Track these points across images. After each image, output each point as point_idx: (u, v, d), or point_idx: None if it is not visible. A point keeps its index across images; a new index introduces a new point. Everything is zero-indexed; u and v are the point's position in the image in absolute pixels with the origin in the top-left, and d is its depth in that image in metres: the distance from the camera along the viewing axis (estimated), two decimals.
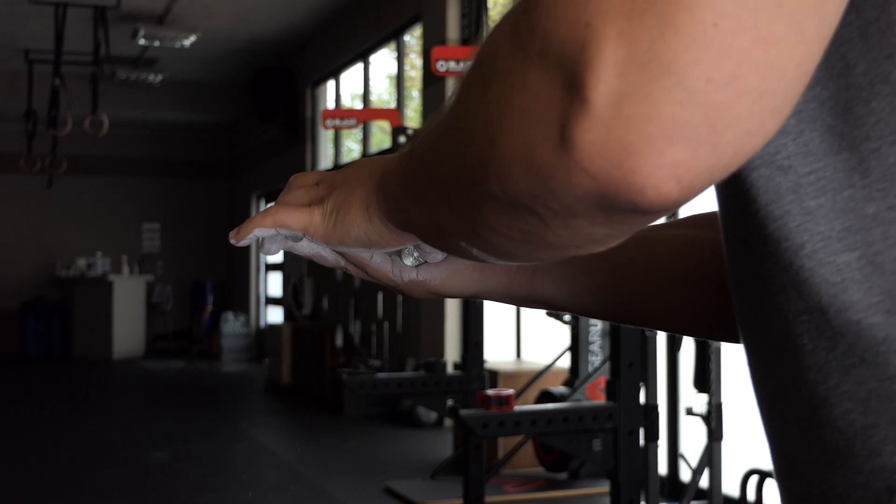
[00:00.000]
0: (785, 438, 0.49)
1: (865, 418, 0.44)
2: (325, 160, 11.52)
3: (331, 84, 11.38)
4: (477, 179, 0.46)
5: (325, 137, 11.54)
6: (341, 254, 0.69)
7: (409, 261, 0.69)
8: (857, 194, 0.44)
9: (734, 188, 0.48)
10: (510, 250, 0.49)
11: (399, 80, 9.38)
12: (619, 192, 0.40)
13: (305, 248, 0.69)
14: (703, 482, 4.25)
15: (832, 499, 0.46)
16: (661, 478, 5.11)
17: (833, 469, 0.45)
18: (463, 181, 0.48)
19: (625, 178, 0.39)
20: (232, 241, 0.68)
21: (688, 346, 4.52)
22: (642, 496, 3.73)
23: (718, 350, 3.98)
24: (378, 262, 0.69)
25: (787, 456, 0.49)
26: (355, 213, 0.63)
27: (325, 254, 0.69)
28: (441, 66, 3.68)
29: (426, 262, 0.69)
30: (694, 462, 4.33)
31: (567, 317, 5.30)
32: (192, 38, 10.37)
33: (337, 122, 8.33)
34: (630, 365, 3.39)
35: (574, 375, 5.46)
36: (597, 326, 5.40)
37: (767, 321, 0.48)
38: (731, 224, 0.51)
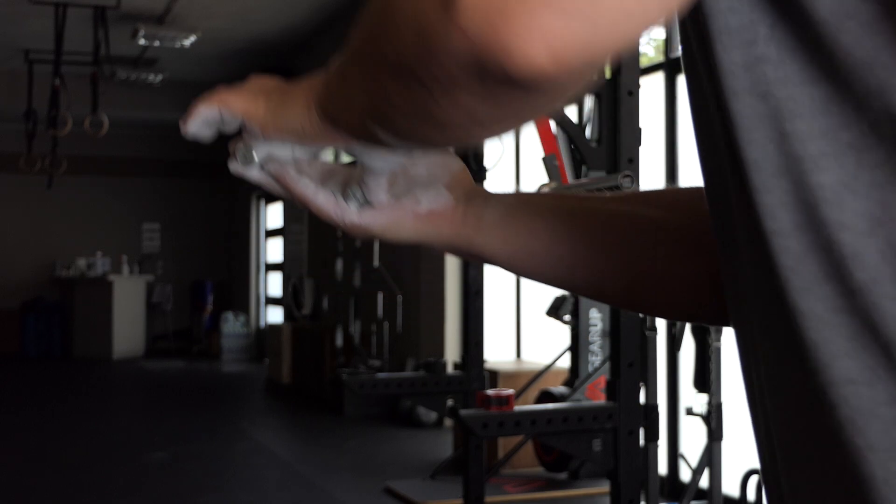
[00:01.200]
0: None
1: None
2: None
3: None
4: (376, 44, 0.48)
5: None
6: (290, 188, 0.70)
7: (353, 204, 0.69)
8: (833, 121, 0.44)
9: (718, 119, 0.49)
10: (406, 129, 0.50)
11: None
12: (491, 54, 0.40)
13: (255, 173, 0.69)
14: (703, 482, 4.25)
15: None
16: (661, 478, 5.11)
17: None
18: (367, 48, 0.50)
19: (497, 40, 0.40)
20: (182, 130, 0.70)
21: (688, 346, 4.52)
22: (642, 496, 3.73)
23: (718, 350, 3.98)
24: (322, 200, 0.70)
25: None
26: (297, 102, 0.63)
27: (272, 184, 0.70)
28: None
29: (370, 204, 0.69)
30: (694, 462, 4.33)
31: (567, 316, 5.30)
32: (192, 38, 10.37)
33: None
34: (630, 365, 3.39)
35: (574, 375, 5.46)
36: (597, 326, 5.40)
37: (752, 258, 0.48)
38: (717, 180, 0.52)
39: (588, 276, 0.71)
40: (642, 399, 3.72)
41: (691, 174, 5.49)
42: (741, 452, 4.53)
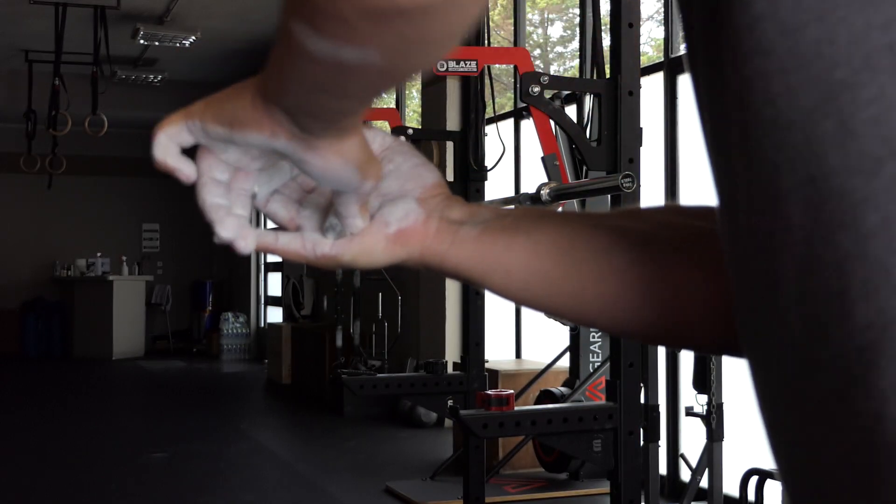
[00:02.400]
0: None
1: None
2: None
3: None
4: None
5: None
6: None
7: (330, 235, 0.67)
8: (825, 63, 0.42)
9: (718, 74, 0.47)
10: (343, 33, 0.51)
11: None
12: None
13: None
14: (703, 482, 4.25)
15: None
16: (661, 478, 5.11)
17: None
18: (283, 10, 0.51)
19: None
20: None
21: None
22: (642, 496, 3.73)
23: None
24: (285, 241, 0.68)
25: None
26: (242, 93, 0.63)
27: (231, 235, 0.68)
28: (441, 66, 3.67)
29: (348, 234, 0.66)
30: (694, 462, 4.33)
31: None
32: (192, 38, 10.37)
33: None
34: (630, 365, 3.39)
35: (574, 376, 5.46)
36: None
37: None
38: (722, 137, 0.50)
39: (571, 298, 0.68)
40: (642, 399, 3.72)
41: (691, 174, 5.49)
42: (741, 452, 4.53)
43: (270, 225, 0.75)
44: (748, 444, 4.61)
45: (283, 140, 0.61)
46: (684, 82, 5.55)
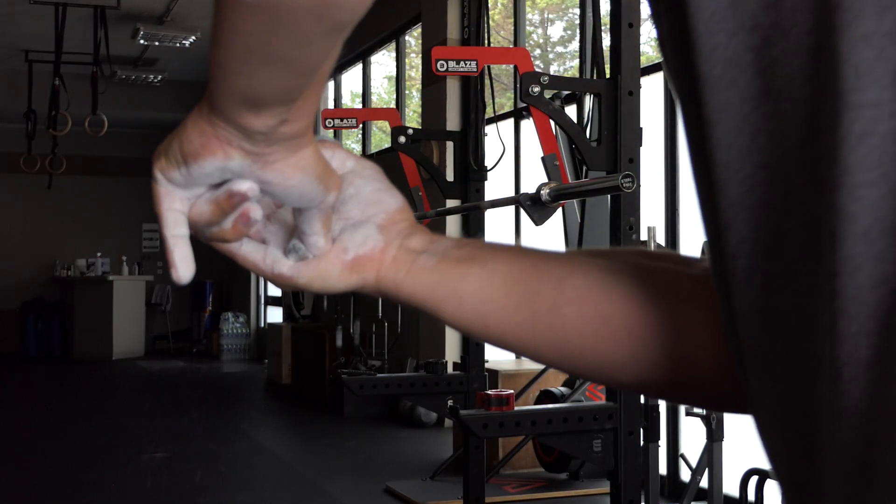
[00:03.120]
0: None
1: None
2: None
3: (331, 84, 11.38)
4: None
5: (325, 137, 11.54)
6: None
7: (292, 257, 0.65)
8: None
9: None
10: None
11: (399, 80, 9.38)
12: None
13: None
14: (704, 482, 4.25)
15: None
16: (661, 478, 5.11)
17: None
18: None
19: None
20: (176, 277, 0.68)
21: None
22: (642, 496, 3.73)
23: None
24: (248, 250, 0.67)
25: None
26: (178, 129, 0.63)
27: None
28: (441, 66, 3.67)
29: (309, 257, 0.65)
30: (694, 462, 4.34)
31: None
32: (192, 38, 10.37)
33: (336, 121, 8.31)
34: None
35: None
36: None
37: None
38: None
39: (522, 329, 0.65)
40: (642, 399, 3.72)
41: (691, 174, 5.48)
42: (741, 452, 4.53)
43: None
44: (748, 444, 4.61)
45: (237, 159, 0.60)
46: None
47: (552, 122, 3.32)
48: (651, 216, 5.01)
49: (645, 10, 3.66)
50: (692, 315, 0.62)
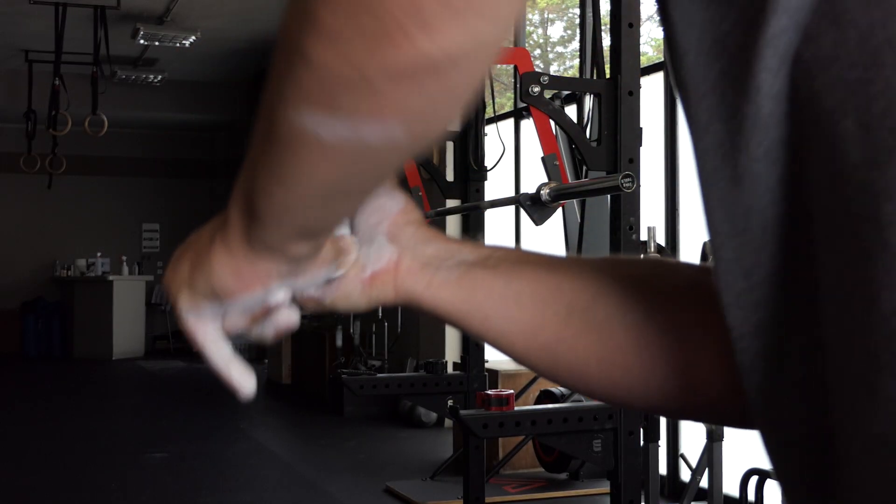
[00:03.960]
0: None
1: None
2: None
3: None
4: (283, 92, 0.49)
5: None
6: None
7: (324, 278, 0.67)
8: (841, 64, 0.44)
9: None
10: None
11: None
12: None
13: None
14: (704, 482, 4.25)
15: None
16: (661, 478, 5.11)
17: None
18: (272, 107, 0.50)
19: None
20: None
21: None
22: (642, 496, 3.73)
23: None
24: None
25: None
26: (193, 260, 0.64)
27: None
28: None
29: (338, 277, 0.67)
30: (694, 462, 4.34)
31: None
32: (192, 38, 10.37)
33: None
34: None
35: None
36: None
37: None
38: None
39: (545, 351, 0.66)
40: None
41: (691, 174, 5.48)
42: (741, 452, 4.53)
43: None
44: (748, 444, 4.61)
45: (275, 284, 0.61)
46: None
47: (552, 122, 3.32)
48: (651, 216, 5.01)
49: (645, 10, 3.66)
50: (702, 343, 0.62)
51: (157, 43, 10.47)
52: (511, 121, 7.38)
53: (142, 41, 10.33)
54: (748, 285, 0.48)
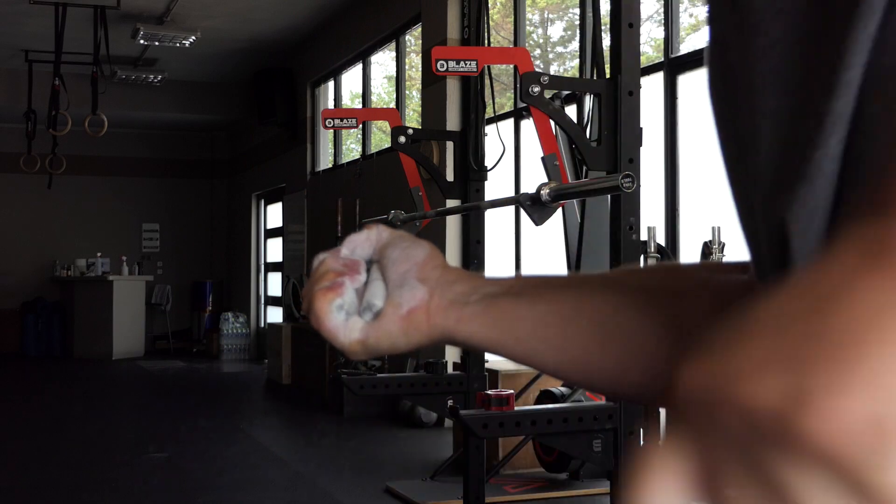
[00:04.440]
0: None
1: None
2: (325, 160, 11.52)
3: (331, 84, 11.38)
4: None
5: (325, 137, 11.54)
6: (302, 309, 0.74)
7: (367, 314, 0.72)
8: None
9: None
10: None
11: (399, 80, 9.38)
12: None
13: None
14: None
15: None
16: None
17: None
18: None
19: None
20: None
21: None
22: None
23: None
24: (332, 326, 0.72)
25: None
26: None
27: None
28: (441, 66, 3.67)
29: (378, 314, 0.72)
30: None
31: None
32: (192, 38, 10.37)
33: (337, 121, 8.31)
34: None
35: None
36: None
37: None
38: None
39: (577, 365, 0.71)
40: None
41: (691, 174, 5.49)
42: None
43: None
44: None
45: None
46: (684, 82, 5.55)
47: (552, 122, 3.32)
48: (651, 216, 5.01)
49: (645, 10, 3.66)
50: None
51: (157, 43, 10.48)
52: (511, 121, 7.38)
53: (142, 41, 10.33)
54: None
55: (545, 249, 6.35)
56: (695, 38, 5.98)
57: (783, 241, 0.45)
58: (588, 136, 4.27)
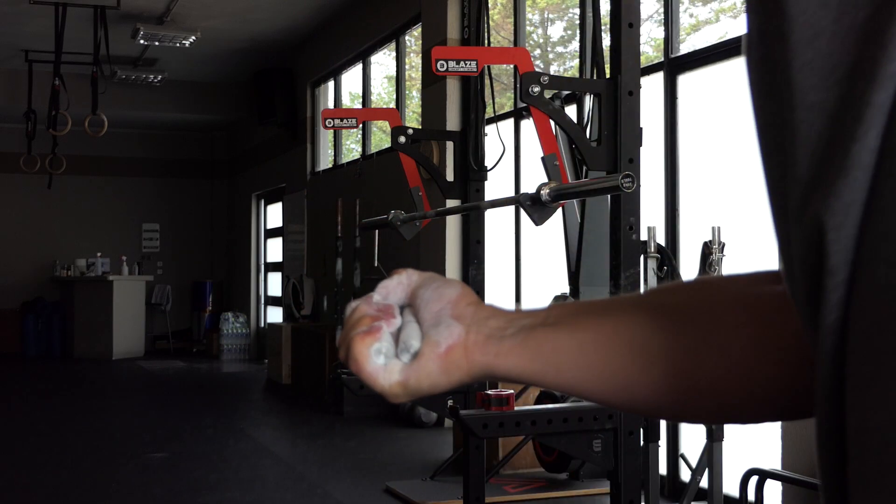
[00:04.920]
0: None
1: None
2: (325, 160, 11.52)
3: (331, 84, 11.38)
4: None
5: (325, 137, 11.54)
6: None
7: (405, 356, 0.72)
8: None
9: None
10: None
11: (399, 80, 9.38)
12: None
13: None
14: (704, 482, 4.25)
15: None
16: (661, 478, 5.11)
17: None
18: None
19: None
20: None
21: None
22: (642, 496, 3.73)
23: None
24: (371, 370, 0.72)
25: None
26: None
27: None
28: (441, 66, 3.66)
29: (416, 355, 0.72)
30: (694, 462, 4.33)
31: None
32: (192, 38, 10.37)
33: (336, 121, 8.31)
34: None
35: None
36: None
37: None
38: None
39: (621, 390, 0.72)
40: None
41: (691, 174, 5.48)
42: (741, 452, 4.53)
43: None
44: (748, 444, 4.61)
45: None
46: (684, 82, 5.55)
47: (552, 122, 3.32)
48: (651, 216, 5.01)
49: (645, 10, 3.66)
50: (761, 351, 0.67)
51: (157, 43, 10.48)
52: (511, 121, 7.38)
53: (142, 41, 10.33)
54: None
55: (545, 249, 6.35)
56: (695, 38, 5.98)
57: (818, 237, 0.44)
58: (588, 136, 4.27)
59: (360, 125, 9.09)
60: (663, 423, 4.67)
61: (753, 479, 3.96)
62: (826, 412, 0.46)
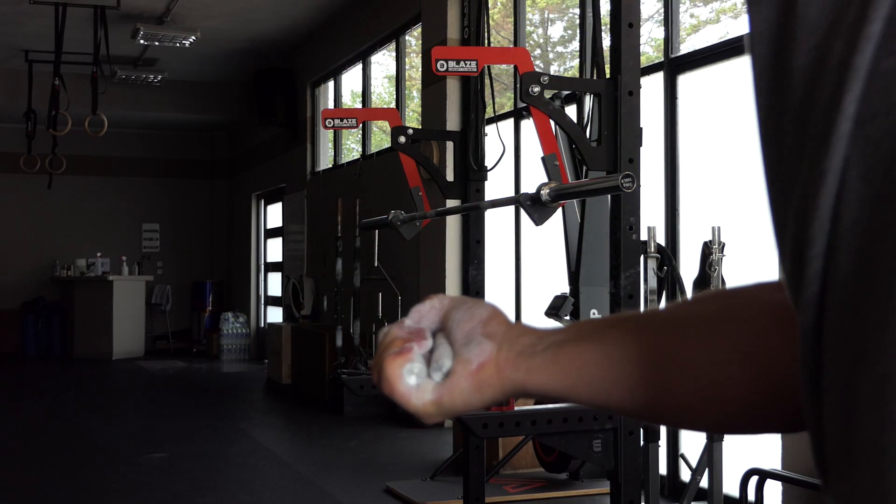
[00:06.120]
0: None
1: None
2: (325, 160, 11.52)
3: (331, 84, 11.38)
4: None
5: (325, 137, 11.54)
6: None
7: (437, 374, 0.73)
8: None
9: None
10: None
11: (399, 80, 9.38)
12: None
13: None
14: (704, 482, 4.25)
15: None
16: (661, 478, 5.11)
17: None
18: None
19: None
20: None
21: None
22: (642, 496, 3.73)
23: None
24: (404, 390, 0.73)
25: None
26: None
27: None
28: (441, 66, 3.66)
29: (448, 374, 0.73)
30: (694, 462, 4.33)
31: (567, 317, 5.29)
32: (192, 38, 10.37)
33: (337, 121, 8.30)
34: None
35: None
36: None
37: None
38: None
39: (651, 402, 0.72)
40: None
41: (691, 174, 5.49)
42: (741, 452, 4.53)
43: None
44: (748, 444, 4.61)
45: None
46: (684, 82, 5.55)
47: (552, 122, 3.32)
48: (651, 216, 5.01)
49: (645, 10, 3.66)
50: (786, 360, 0.65)
51: (157, 43, 10.48)
52: (511, 121, 7.38)
53: (142, 41, 10.33)
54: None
55: (545, 249, 6.35)
56: (695, 38, 5.98)
57: (802, 209, 0.43)
58: (588, 136, 4.27)
59: (360, 125, 9.09)
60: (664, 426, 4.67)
61: (753, 479, 3.96)
62: (807, 390, 0.46)
